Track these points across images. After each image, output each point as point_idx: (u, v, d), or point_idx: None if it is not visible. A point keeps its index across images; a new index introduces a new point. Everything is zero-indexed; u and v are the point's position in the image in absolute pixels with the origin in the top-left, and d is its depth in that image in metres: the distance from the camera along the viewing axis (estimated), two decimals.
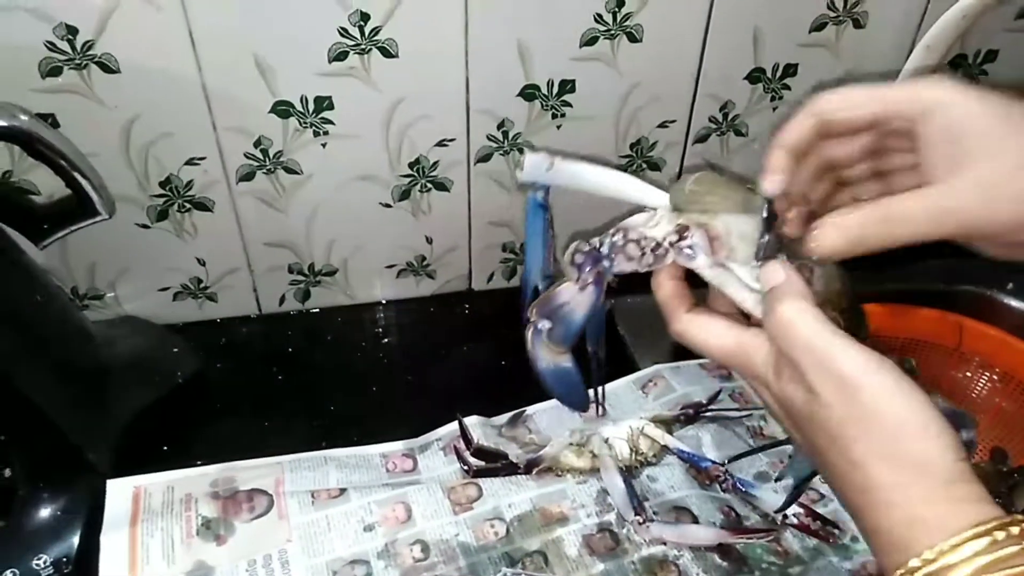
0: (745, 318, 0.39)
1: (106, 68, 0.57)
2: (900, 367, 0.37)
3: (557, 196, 0.46)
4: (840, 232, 0.34)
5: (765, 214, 0.37)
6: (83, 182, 0.51)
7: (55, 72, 0.57)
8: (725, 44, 0.66)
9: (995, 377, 0.70)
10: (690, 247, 0.38)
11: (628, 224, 0.41)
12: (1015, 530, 0.29)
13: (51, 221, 0.52)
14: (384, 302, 0.77)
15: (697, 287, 0.41)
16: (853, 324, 0.37)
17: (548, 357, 0.44)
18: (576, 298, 0.41)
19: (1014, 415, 0.69)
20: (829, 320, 0.34)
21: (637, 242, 0.39)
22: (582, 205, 0.48)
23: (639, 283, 0.42)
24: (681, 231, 0.38)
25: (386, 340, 0.73)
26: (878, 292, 0.76)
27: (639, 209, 0.42)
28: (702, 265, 0.38)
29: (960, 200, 0.33)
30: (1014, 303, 0.78)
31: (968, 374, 0.71)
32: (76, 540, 0.52)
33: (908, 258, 0.82)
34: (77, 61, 0.56)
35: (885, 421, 0.32)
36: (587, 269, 0.40)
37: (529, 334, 0.43)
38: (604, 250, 0.40)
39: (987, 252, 0.35)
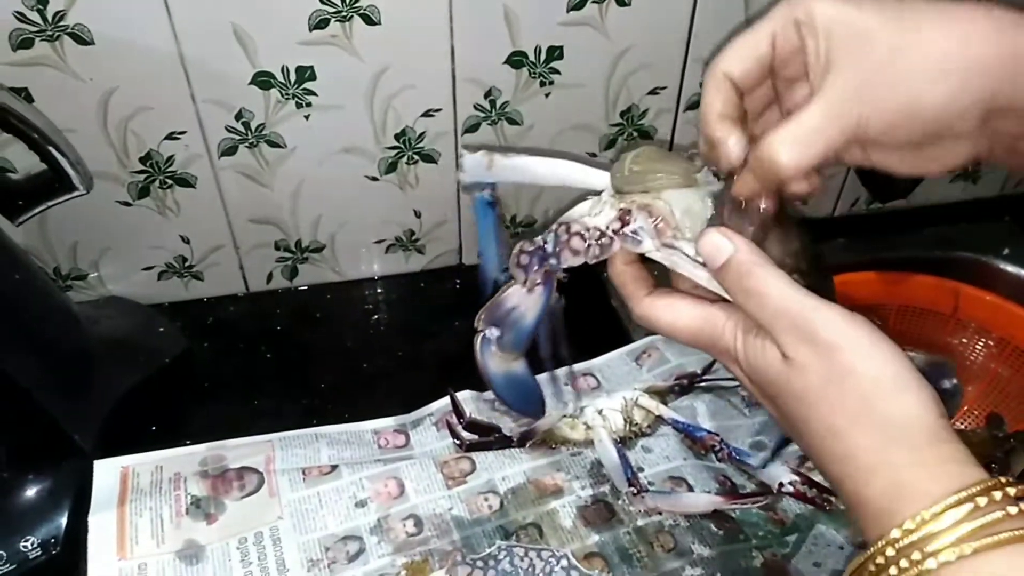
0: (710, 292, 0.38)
1: (79, 40, 0.55)
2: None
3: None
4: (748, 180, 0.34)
5: (714, 189, 0.36)
6: (58, 156, 0.50)
7: (27, 44, 0.55)
8: (716, 7, 0.65)
9: (991, 343, 0.69)
10: (634, 232, 0.37)
11: (571, 215, 0.39)
12: (997, 495, 0.28)
13: (27, 197, 0.51)
14: (373, 278, 0.76)
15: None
16: (816, 282, 0.36)
17: (499, 365, 0.42)
18: (525, 301, 0.40)
19: (1010, 380, 0.68)
20: (793, 282, 0.33)
21: (581, 234, 0.37)
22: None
23: None
24: (624, 216, 0.37)
25: (376, 316, 0.72)
26: (874, 259, 0.76)
27: (590, 194, 0.41)
28: (650, 249, 0.37)
29: (839, 106, 0.31)
30: (1010, 269, 0.78)
31: (964, 340, 0.71)
32: (64, 521, 0.52)
33: (904, 226, 0.82)
34: (49, 33, 0.55)
35: (862, 380, 0.31)
36: (534, 269, 0.39)
37: (477, 343, 0.42)
38: (549, 247, 0.38)
39: (896, 168, 0.34)
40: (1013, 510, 0.27)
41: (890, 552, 0.28)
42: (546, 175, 0.42)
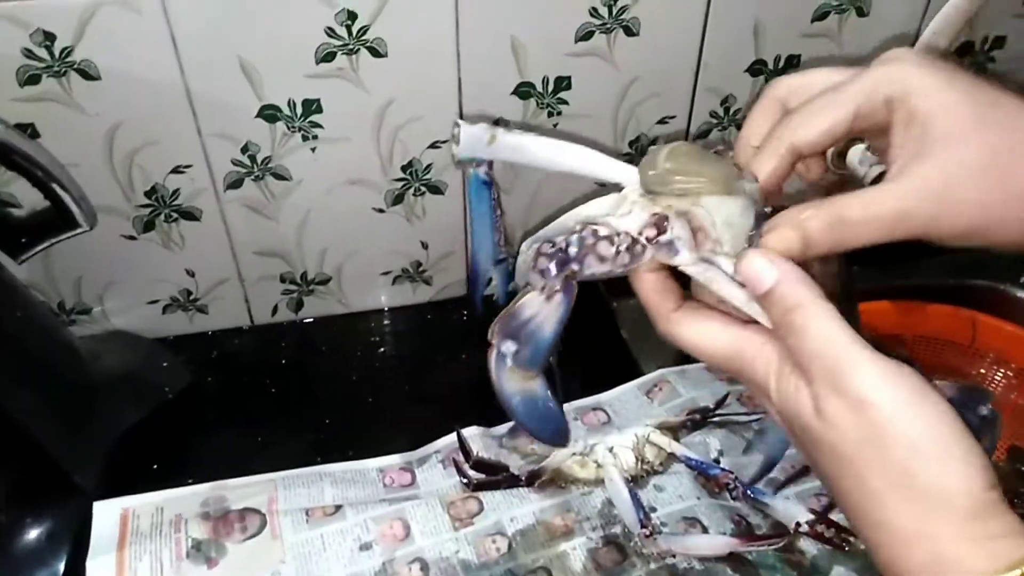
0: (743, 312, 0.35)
1: (86, 75, 0.55)
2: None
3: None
4: (789, 237, 0.32)
5: (757, 204, 0.33)
6: (61, 193, 0.49)
7: (34, 80, 0.55)
8: (725, 36, 0.65)
9: (1010, 373, 0.68)
10: (671, 242, 0.33)
11: (592, 213, 0.35)
12: None
13: (29, 234, 0.51)
14: (380, 310, 0.75)
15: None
16: (845, 309, 0.32)
17: (516, 384, 0.38)
18: (543, 310, 0.35)
19: None
20: (842, 321, 0.30)
21: (609, 239, 0.33)
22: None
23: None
24: (660, 223, 0.33)
25: (382, 349, 0.71)
26: (888, 288, 0.74)
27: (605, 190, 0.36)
28: (686, 262, 0.33)
29: (914, 203, 0.30)
30: None
31: (983, 371, 0.69)
32: (62, 566, 0.51)
33: (918, 253, 0.81)
34: (56, 68, 0.55)
35: (899, 444, 0.28)
36: (553, 274, 0.34)
37: (492, 359, 0.37)
38: (572, 251, 0.34)
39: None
40: None
41: None
42: (554, 159, 0.37)
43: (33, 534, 0.51)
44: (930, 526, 0.28)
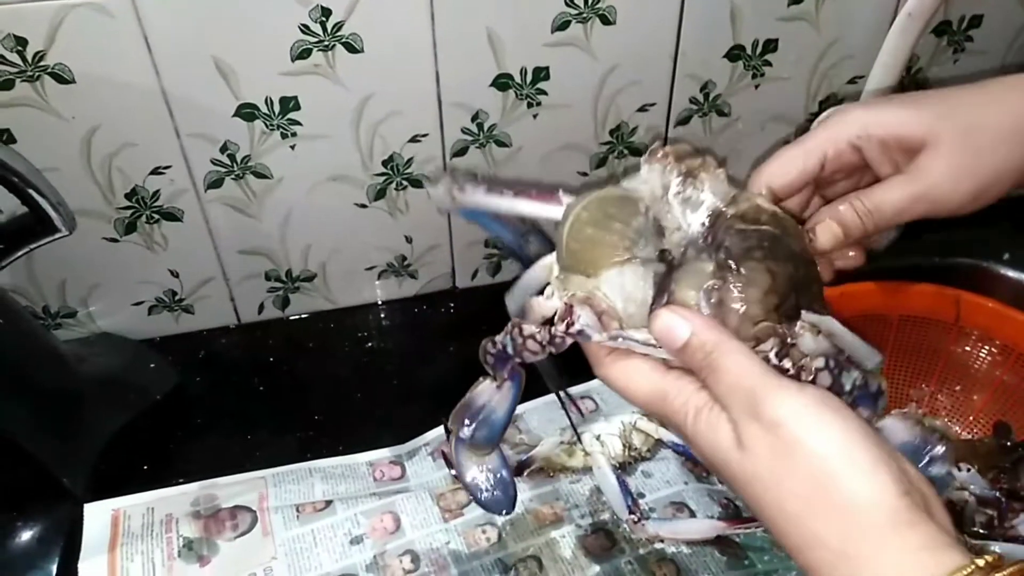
0: None
1: (60, 79, 0.55)
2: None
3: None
4: (833, 227, 0.38)
5: (655, 263, 0.36)
6: (39, 199, 0.49)
7: (7, 86, 0.55)
8: (702, 22, 0.64)
9: (995, 350, 0.68)
10: (580, 331, 0.36)
11: (537, 277, 0.39)
12: None
13: (7, 241, 0.51)
14: (366, 305, 0.75)
15: None
16: (796, 309, 0.35)
17: (475, 461, 0.44)
18: (495, 397, 0.41)
19: (1016, 388, 0.67)
20: (754, 356, 0.32)
21: (533, 337, 0.37)
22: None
23: None
24: (568, 314, 0.36)
25: (370, 344, 0.72)
26: (872, 268, 0.74)
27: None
28: (600, 341, 0.36)
29: (931, 184, 0.37)
30: (1011, 273, 0.77)
31: (968, 348, 0.70)
32: (54, 569, 0.51)
33: (902, 233, 0.81)
34: (29, 73, 0.54)
35: (810, 459, 0.29)
36: (500, 368, 0.40)
37: (452, 443, 0.43)
38: (509, 349, 0.38)
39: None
40: None
41: None
42: (508, 209, 0.43)
43: (24, 538, 0.51)
44: (848, 544, 0.28)
